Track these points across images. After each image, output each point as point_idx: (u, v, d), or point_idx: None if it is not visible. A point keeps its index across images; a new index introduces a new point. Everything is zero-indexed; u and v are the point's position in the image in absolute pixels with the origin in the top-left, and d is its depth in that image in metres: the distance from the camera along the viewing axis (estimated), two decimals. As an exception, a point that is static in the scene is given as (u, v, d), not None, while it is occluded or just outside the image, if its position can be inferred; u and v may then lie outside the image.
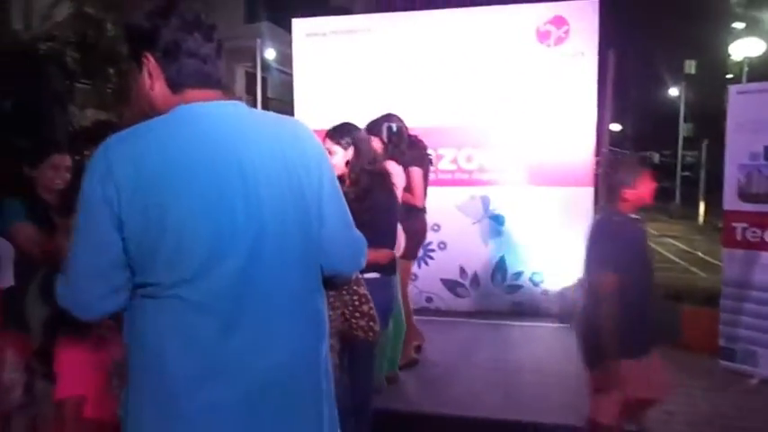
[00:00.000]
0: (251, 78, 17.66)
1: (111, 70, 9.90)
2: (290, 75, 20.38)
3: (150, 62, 1.28)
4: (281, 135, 1.31)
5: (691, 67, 42.31)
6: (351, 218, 1.42)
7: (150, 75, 1.29)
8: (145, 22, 1.27)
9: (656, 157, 33.03)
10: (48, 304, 2.07)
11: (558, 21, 5.10)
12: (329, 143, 2.75)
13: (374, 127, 3.77)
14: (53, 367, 1.96)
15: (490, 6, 5.37)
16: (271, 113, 1.37)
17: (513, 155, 5.33)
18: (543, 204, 5.30)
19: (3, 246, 2.31)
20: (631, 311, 2.42)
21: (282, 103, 19.47)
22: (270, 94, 16.76)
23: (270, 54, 16.52)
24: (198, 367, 1.18)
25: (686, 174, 24.25)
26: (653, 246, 10.86)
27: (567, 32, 5.10)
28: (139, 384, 1.23)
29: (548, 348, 4.71)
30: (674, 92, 33.78)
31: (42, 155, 2.99)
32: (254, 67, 17.37)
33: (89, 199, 1.18)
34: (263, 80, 16.41)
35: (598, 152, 5.48)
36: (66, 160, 3.32)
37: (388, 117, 3.89)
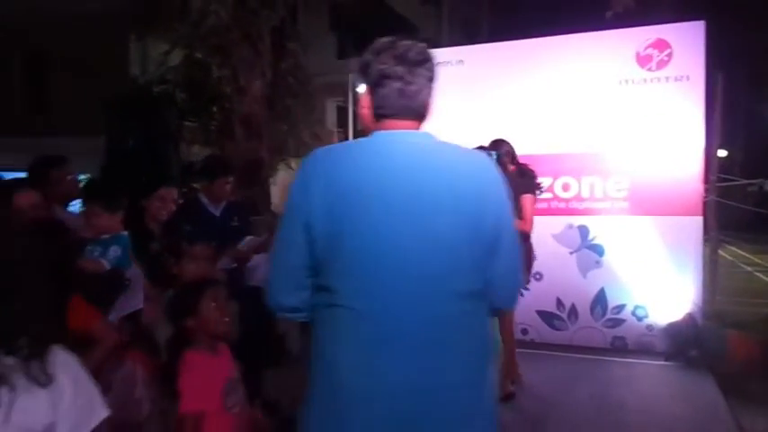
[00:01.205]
0: (341, 112, 18.26)
1: (215, 109, 10.60)
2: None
3: (365, 92, 1.45)
4: (463, 169, 1.39)
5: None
6: (520, 261, 1.47)
7: (362, 103, 1.47)
8: (365, 56, 1.45)
9: (766, 185, 30.73)
10: (172, 324, 2.22)
11: (660, 44, 4.94)
12: None
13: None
14: (176, 384, 2.08)
15: (588, 33, 5.28)
16: (458, 146, 1.44)
17: (614, 183, 5.15)
18: (646, 234, 5.06)
19: (135, 273, 2.52)
20: None
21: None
22: (359, 127, 17.22)
23: (361, 88, 17.02)
24: (367, 383, 1.27)
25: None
26: (766, 279, 10.05)
27: (669, 56, 4.92)
28: (317, 390, 1.35)
29: (653, 387, 4.43)
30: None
31: (152, 188, 3.27)
32: (345, 101, 18.07)
33: (289, 205, 1.37)
34: (354, 113, 16.99)
35: (706, 179, 5.19)
36: (173, 193, 3.58)
37: (499, 143, 3.88)
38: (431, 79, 1.43)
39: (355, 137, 15.10)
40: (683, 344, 4.70)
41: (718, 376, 4.57)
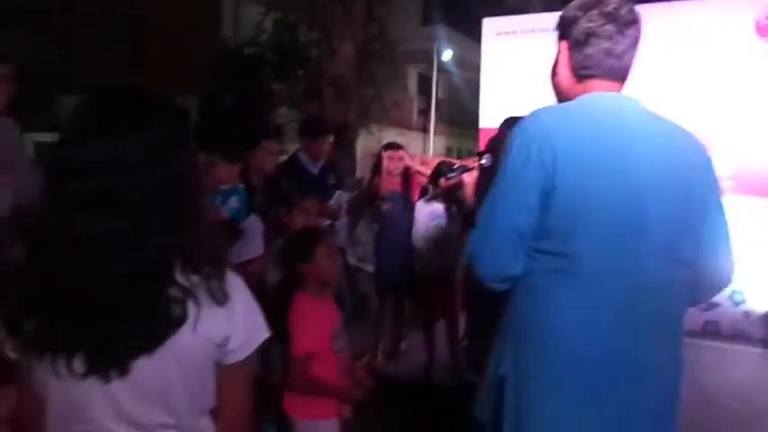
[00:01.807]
0: (422, 80, 18.13)
1: (301, 72, 10.79)
2: (464, 77, 20.43)
3: (562, 50, 1.41)
4: (683, 138, 1.35)
5: None
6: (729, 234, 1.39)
7: (558, 62, 1.43)
8: (569, 12, 1.39)
9: None
10: (282, 268, 2.33)
11: (784, 13, 4.58)
12: None
13: None
14: (283, 327, 2.16)
15: (704, 0, 4.95)
16: (663, 117, 1.38)
17: (720, 160, 4.87)
18: (750, 215, 4.78)
19: (255, 222, 2.64)
20: None
21: (451, 103, 19.71)
22: (440, 95, 17.03)
23: (446, 56, 16.77)
24: (601, 352, 1.26)
25: None
26: None
27: (792, 25, 4.55)
28: (529, 354, 1.32)
29: (750, 374, 4.25)
30: None
31: (257, 140, 3.39)
32: (427, 68, 17.87)
33: (524, 161, 1.27)
34: (437, 81, 16.80)
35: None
36: (276, 146, 3.70)
37: None
38: (637, 40, 1.37)
39: (437, 105, 15.01)
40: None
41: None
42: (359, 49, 7.17)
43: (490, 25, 5.77)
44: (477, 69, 5.52)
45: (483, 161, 2.76)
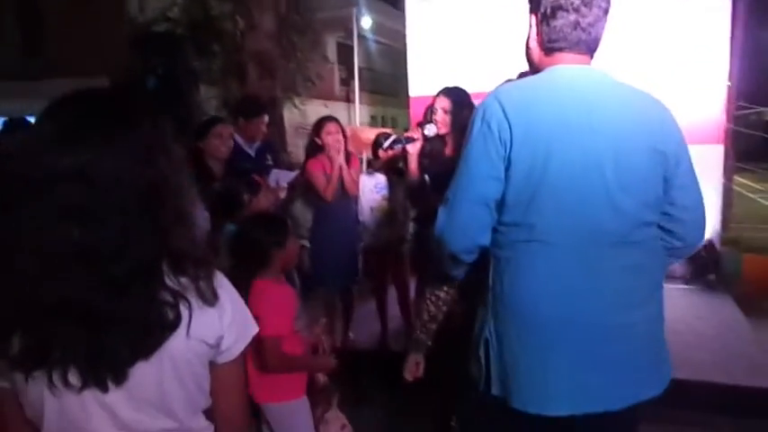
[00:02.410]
0: (342, 48, 17.87)
1: (217, 47, 10.39)
2: (384, 44, 20.25)
3: (532, 24, 1.44)
4: (648, 106, 1.40)
5: (810, 11, 38.50)
6: (701, 196, 1.48)
7: (529, 36, 1.46)
8: None
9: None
10: (232, 257, 2.31)
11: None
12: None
13: None
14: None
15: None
16: (629, 86, 1.42)
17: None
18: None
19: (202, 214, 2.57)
20: None
21: (373, 72, 19.60)
22: (361, 64, 16.88)
23: (365, 23, 16.58)
24: (567, 313, 1.34)
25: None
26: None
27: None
28: (505, 319, 1.40)
29: (676, 309, 4.55)
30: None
31: (208, 126, 3.28)
32: (346, 37, 17.62)
33: (485, 137, 1.34)
34: (354, 49, 16.61)
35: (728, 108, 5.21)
36: (228, 129, 3.60)
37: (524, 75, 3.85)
38: (606, 11, 1.40)
39: (360, 74, 14.81)
40: (703, 268, 4.86)
41: (736, 297, 4.75)
42: (280, 21, 7.00)
43: (413, -10, 5.77)
44: (396, 36, 5.51)
45: (426, 131, 2.81)
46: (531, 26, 1.45)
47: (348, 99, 18.49)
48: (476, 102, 5.07)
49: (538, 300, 1.35)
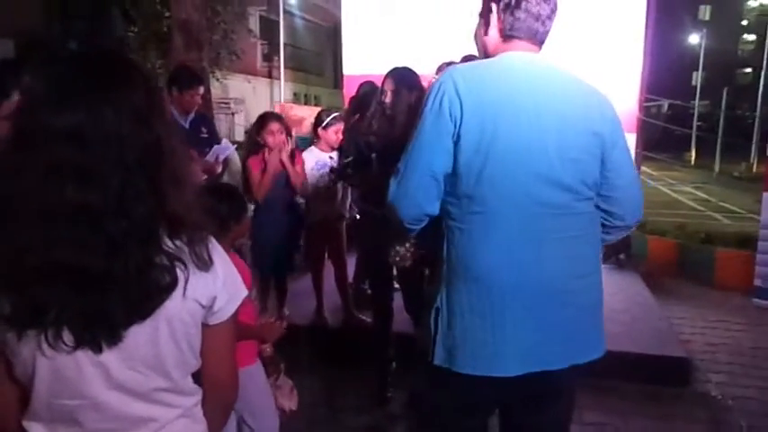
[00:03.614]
0: (265, 23, 17.43)
1: (135, 14, 9.86)
2: (309, 21, 19.88)
3: (492, 12, 1.53)
4: (586, 92, 1.53)
5: (705, 13, 41.47)
6: (637, 175, 1.61)
7: (488, 23, 1.54)
8: None
9: (666, 106, 32.86)
10: None
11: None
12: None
13: None
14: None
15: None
16: (572, 75, 1.54)
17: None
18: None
19: None
20: None
21: (297, 49, 19.28)
22: (285, 40, 16.56)
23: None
24: (515, 279, 1.44)
25: (699, 123, 24.29)
26: (672, 194, 11.14)
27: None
28: (458, 288, 1.48)
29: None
30: (686, 39, 33.33)
31: None
32: (269, 11, 17.19)
33: (437, 113, 1.44)
34: (278, 24, 16.26)
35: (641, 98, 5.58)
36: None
37: (470, 59, 3.89)
38: (555, 10, 1.53)
39: (286, 51, 14.44)
40: (615, 249, 5.24)
41: (642, 275, 5.18)
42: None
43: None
44: (322, 13, 5.46)
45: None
46: (491, 13, 1.55)
47: (270, 75, 18.11)
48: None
49: (490, 268, 1.45)
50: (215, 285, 1.04)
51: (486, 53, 1.59)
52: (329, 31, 20.28)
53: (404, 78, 2.87)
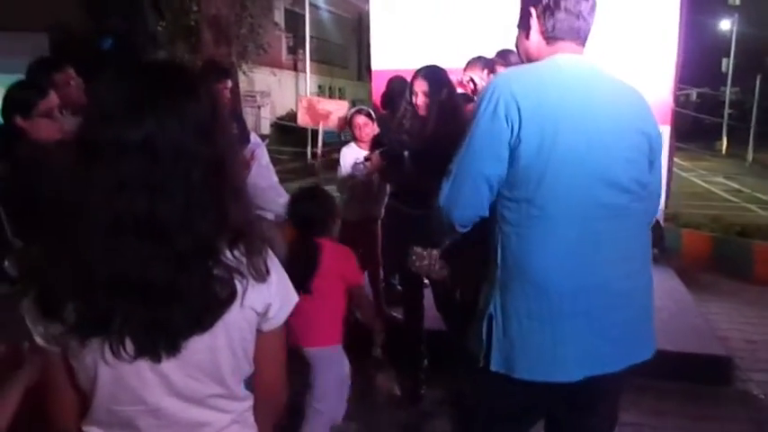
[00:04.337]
0: (290, 16, 17.46)
1: (165, 9, 9.95)
2: (334, 14, 19.94)
3: (532, 16, 1.52)
4: (634, 95, 1.52)
5: (736, -2, 40.36)
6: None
7: (530, 27, 1.53)
8: None
9: (694, 95, 32.14)
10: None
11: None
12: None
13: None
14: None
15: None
16: (615, 77, 1.54)
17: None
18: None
19: None
20: None
21: (321, 41, 19.28)
22: (310, 33, 16.57)
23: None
24: (573, 282, 1.43)
25: (730, 111, 23.70)
26: (704, 185, 10.91)
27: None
28: (515, 293, 1.47)
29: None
30: (715, 24, 32.43)
31: None
32: (294, 4, 17.22)
33: (491, 117, 1.42)
34: (304, 18, 16.29)
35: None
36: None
37: (506, 54, 3.80)
38: (595, 6, 1.52)
39: (311, 43, 14.50)
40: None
41: (677, 270, 5.08)
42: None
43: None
44: (347, 6, 5.44)
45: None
46: (531, 18, 1.54)
47: (295, 68, 18.16)
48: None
49: (549, 272, 1.43)
50: (269, 293, 1.06)
51: (529, 58, 1.58)
52: (353, 23, 20.26)
53: (434, 77, 2.84)
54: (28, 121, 2.32)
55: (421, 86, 2.82)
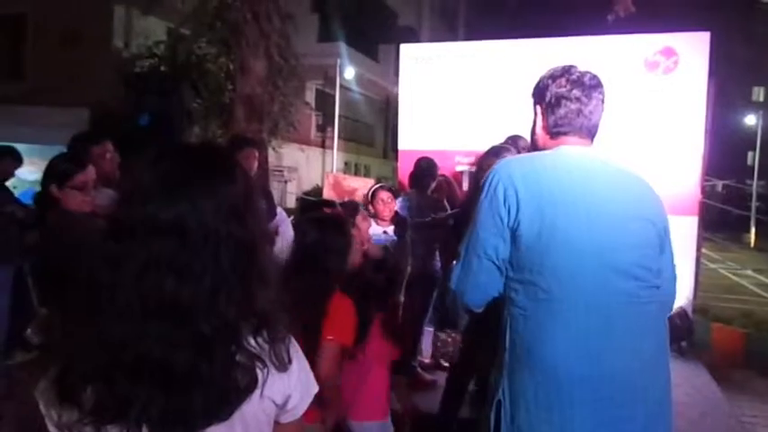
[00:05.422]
0: (320, 96, 18.14)
1: (200, 86, 10.42)
2: (362, 94, 20.66)
3: (538, 113, 1.61)
4: (639, 184, 1.55)
5: (759, 94, 41.02)
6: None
7: (536, 123, 1.63)
8: (541, 82, 1.60)
9: (719, 186, 32.08)
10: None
11: (668, 52, 5.16)
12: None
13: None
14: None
15: (598, 36, 5.46)
16: (621, 166, 1.58)
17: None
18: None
19: None
20: None
21: (349, 120, 19.90)
22: (341, 112, 17.17)
23: (348, 73, 16.95)
24: (583, 371, 1.39)
25: (758, 204, 23.54)
26: (733, 278, 10.66)
27: (675, 63, 5.14)
28: (522, 378, 1.43)
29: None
30: (740, 119, 32.88)
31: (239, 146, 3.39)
32: (325, 85, 17.94)
33: (490, 201, 1.47)
34: (334, 97, 16.91)
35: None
36: (255, 153, 3.68)
37: (516, 139, 3.89)
38: (602, 102, 1.58)
39: (340, 122, 15.04)
40: (677, 336, 4.99)
41: (707, 365, 4.88)
42: (269, 66, 7.10)
43: (407, 51, 5.97)
44: (374, 87, 5.63)
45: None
46: (536, 114, 1.63)
47: (323, 144, 18.66)
48: (463, 159, 5.26)
49: (558, 357, 1.40)
50: (290, 383, 1.03)
51: (536, 149, 1.64)
52: (381, 103, 20.95)
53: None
54: (61, 191, 2.41)
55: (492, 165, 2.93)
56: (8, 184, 4.65)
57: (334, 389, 2.10)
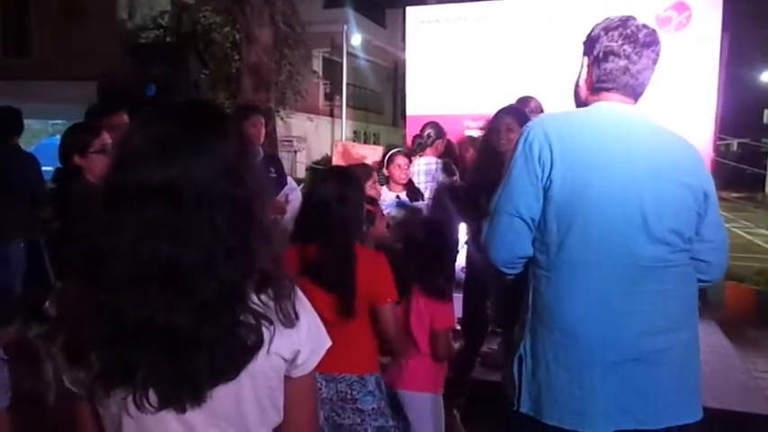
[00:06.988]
0: (327, 64, 17.96)
1: (208, 58, 10.36)
2: (370, 61, 20.42)
3: (584, 65, 1.56)
4: (681, 145, 1.51)
5: (777, 49, 39.95)
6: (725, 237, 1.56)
7: (580, 75, 1.57)
8: (593, 32, 1.53)
9: (735, 145, 31.56)
10: None
11: (680, 6, 5.03)
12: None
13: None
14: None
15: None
16: (662, 126, 1.53)
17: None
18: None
19: None
20: None
21: (357, 88, 19.74)
22: (348, 80, 17.00)
23: (355, 40, 16.72)
24: (603, 333, 1.40)
25: (773, 162, 23.18)
26: (747, 237, 10.50)
27: (688, 18, 5.01)
28: (543, 337, 1.45)
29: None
30: (756, 76, 32.10)
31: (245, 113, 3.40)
32: (332, 52, 17.75)
33: (525, 157, 1.45)
34: (341, 65, 16.74)
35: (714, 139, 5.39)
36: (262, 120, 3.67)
37: (526, 100, 3.83)
38: (655, 61, 1.50)
39: (348, 90, 14.84)
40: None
41: (720, 324, 4.88)
42: (275, 34, 7.03)
43: (413, 14, 5.86)
44: (382, 54, 5.56)
45: None
46: (582, 66, 1.57)
47: (332, 113, 18.56)
48: (472, 123, 5.18)
49: (577, 319, 1.40)
50: (299, 339, 1.02)
51: (578, 104, 1.60)
52: (389, 70, 20.72)
53: (521, 117, 2.84)
54: (84, 158, 2.47)
55: (513, 123, 2.79)
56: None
57: (402, 339, 2.12)
